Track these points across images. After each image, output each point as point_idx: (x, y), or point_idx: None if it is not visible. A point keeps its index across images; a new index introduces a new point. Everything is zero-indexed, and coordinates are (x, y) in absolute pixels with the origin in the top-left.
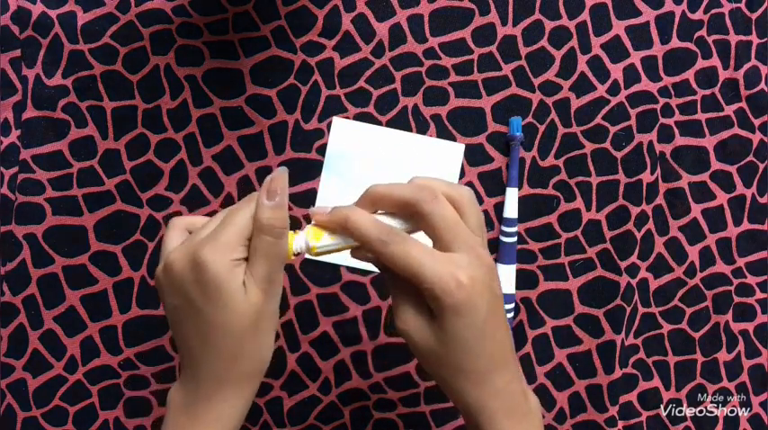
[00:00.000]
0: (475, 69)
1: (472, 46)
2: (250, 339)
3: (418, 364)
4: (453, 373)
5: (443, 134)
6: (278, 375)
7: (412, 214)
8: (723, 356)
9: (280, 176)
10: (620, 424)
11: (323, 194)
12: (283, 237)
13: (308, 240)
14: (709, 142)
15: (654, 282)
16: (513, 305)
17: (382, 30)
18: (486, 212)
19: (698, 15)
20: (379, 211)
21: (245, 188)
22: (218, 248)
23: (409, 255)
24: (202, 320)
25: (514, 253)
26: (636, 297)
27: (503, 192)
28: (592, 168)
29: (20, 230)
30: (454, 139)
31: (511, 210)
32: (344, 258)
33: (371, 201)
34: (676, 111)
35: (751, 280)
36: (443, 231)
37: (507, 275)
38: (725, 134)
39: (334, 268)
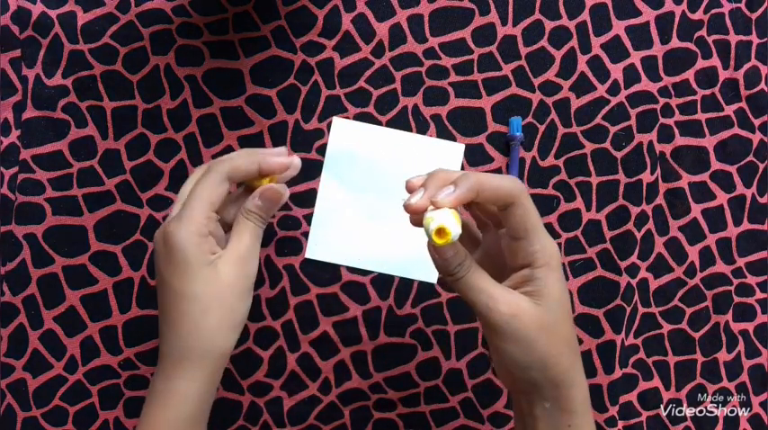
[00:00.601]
0: (475, 69)
1: (472, 46)
2: (213, 315)
3: (418, 364)
4: (555, 331)
5: (443, 134)
6: (278, 375)
7: (506, 204)
8: (723, 356)
9: (278, 194)
10: (620, 424)
11: (323, 194)
12: (265, 224)
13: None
14: (709, 142)
15: (654, 282)
16: None
17: (382, 30)
18: None
19: (698, 15)
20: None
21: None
22: (183, 222)
23: (536, 217)
24: (169, 293)
25: None
26: (636, 297)
27: None
28: (592, 168)
29: (20, 230)
30: (454, 139)
31: None
32: (344, 259)
33: (478, 189)
34: (676, 112)
35: (751, 280)
36: (535, 224)
37: None
38: (725, 134)
39: (334, 268)
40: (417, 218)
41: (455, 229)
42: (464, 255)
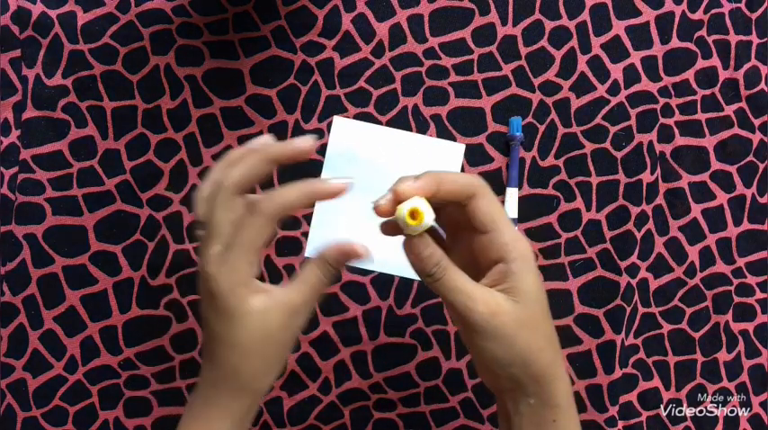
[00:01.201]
0: (475, 69)
1: (472, 46)
2: (253, 361)
3: (418, 364)
4: (535, 325)
5: (443, 134)
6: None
7: (465, 201)
8: (723, 356)
9: (365, 254)
10: (620, 424)
11: None
12: (331, 277)
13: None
14: (709, 142)
15: (654, 282)
16: None
17: (382, 30)
18: None
19: (698, 15)
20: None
21: None
22: (224, 269)
23: (500, 211)
24: (210, 334)
25: None
26: (636, 297)
27: (503, 192)
28: (592, 168)
29: (20, 230)
30: (454, 139)
31: (511, 210)
32: None
33: (437, 185)
34: (676, 112)
35: (751, 280)
36: (501, 216)
37: None
38: (725, 134)
39: None
40: (387, 227)
41: (428, 211)
42: (440, 255)
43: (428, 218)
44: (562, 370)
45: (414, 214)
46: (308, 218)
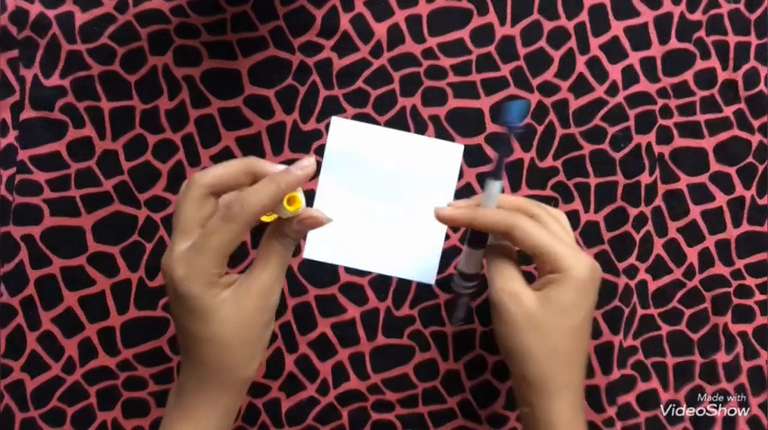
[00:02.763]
0: (473, 70)
1: (471, 46)
2: (235, 352)
3: (416, 365)
4: (548, 333)
5: (442, 135)
6: (276, 376)
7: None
8: (722, 358)
9: (322, 222)
10: (619, 424)
11: (321, 194)
12: (293, 248)
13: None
14: (708, 143)
15: (652, 284)
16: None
17: (381, 30)
18: None
19: (697, 16)
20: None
21: None
22: (192, 274)
23: (538, 234)
24: (187, 336)
25: None
26: (634, 298)
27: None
28: (590, 169)
29: (18, 231)
30: (453, 140)
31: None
32: (342, 260)
33: (470, 216)
34: (675, 113)
35: (750, 281)
36: (541, 241)
37: None
38: (724, 135)
39: (333, 269)
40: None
41: (302, 197)
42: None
43: (303, 201)
44: (568, 392)
45: (291, 200)
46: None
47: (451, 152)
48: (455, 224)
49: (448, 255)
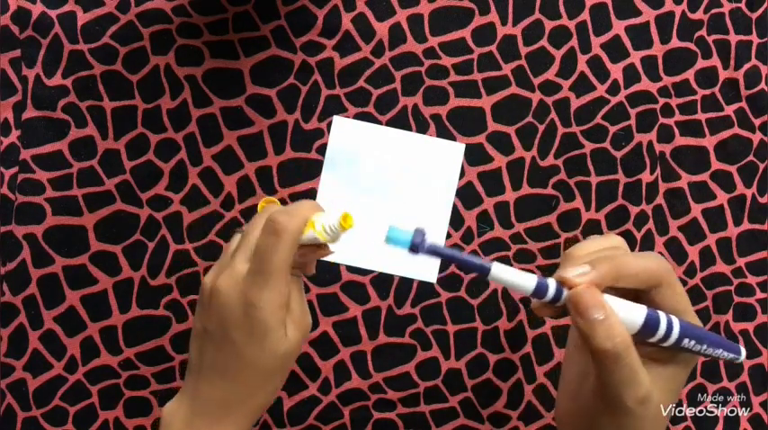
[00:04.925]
0: (475, 69)
1: (472, 45)
2: (273, 378)
3: (418, 364)
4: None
5: (443, 134)
6: None
7: (650, 287)
8: None
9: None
10: None
11: (323, 194)
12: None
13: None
14: (709, 142)
15: None
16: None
17: (382, 29)
18: (485, 212)
19: (698, 15)
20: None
21: (245, 188)
22: (273, 294)
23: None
24: (234, 353)
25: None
26: None
27: (503, 192)
28: (591, 168)
29: (20, 230)
30: (454, 139)
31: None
32: (343, 258)
33: (616, 275)
34: (676, 111)
35: (751, 280)
36: (685, 309)
37: None
38: (725, 134)
39: (334, 268)
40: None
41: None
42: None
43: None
44: None
45: (345, 218)
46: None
47: (453, 151)
48: (596, 285)
49: None
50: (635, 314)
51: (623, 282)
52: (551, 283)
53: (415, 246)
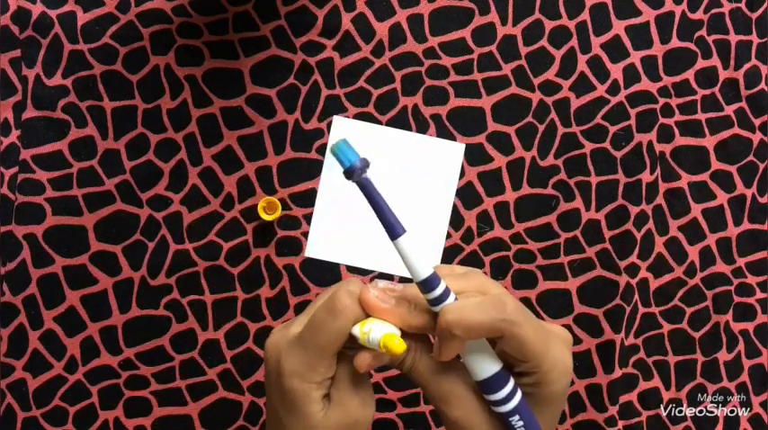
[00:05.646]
0: (475, 69)
1: (472, 46)
2: None
3: None
4: None
5: (443, 134)
6: None
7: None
8: (723, 356)
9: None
10: (620, 423)
11: (323, 194)
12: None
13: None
14: (709, 142)
15: (654, 282)
16: None
17: (382, 29)
18: (485, 212)
19: (698, 15)
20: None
21: (246, 188)
22: (302, 368)
23: (528, 335)
24: (275, 417)
25: None
26: (636, 297)
27: (503, 192)
28: (591, 168)
29: (20, 230)
30: (454, 139)
31: (419, 263)
32: (343, 258)
33: (464, 331)
34: (676, 111)
35: (751, 280)
36: (535, 350)
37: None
38: (725, 134)
39: (334, 268)
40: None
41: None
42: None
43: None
44: None
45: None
46: (308, 218)
47: (453, 151)
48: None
49: (449, 254)
50: (483, 366)
51: (466, 336)
52: (443, 283)
53: (351, 170)
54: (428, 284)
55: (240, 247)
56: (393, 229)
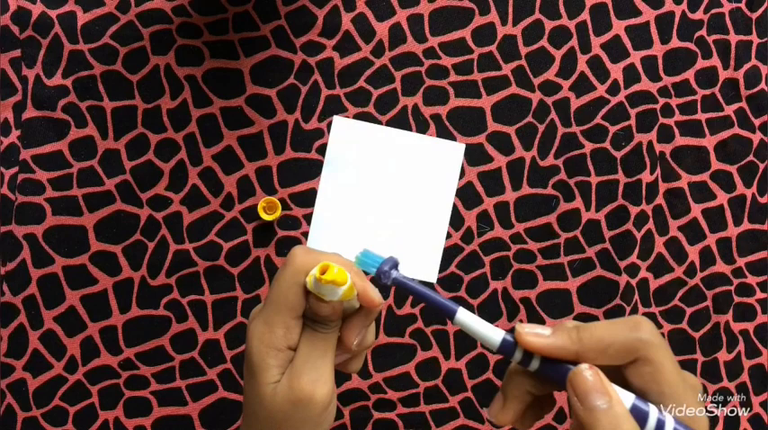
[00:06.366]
0: (475, 69)
1: (472, 45)
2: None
3: (418, 364)
4: None
5: (443, 134)
6: None
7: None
8: (723, 356)
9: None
10: None
11: (323, 194)
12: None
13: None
14: (709, 142)
15: (654, 282)
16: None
17: (382, 29)
18: (485, 212)
19: (698, 15)
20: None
21: (245, 188)
22: (261, 327)
23: (666, 360)
24: (245, 388)
25: None
26: (636, 297)
27: (503, 192)
28: (591, 168)
29: (20, 230)
30: (454, 139)
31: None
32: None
33: (578, 346)
34: (676, 111)
35: (751, 280)
36: (672, 385)
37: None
38: (725, 134)
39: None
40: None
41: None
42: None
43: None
44: None
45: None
46: (308, 218)
47: (453, 151)
48: (547, 352)
49: (449, 254)
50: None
51: (591, 355)
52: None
53: (379, 275)
54: (505, 348)
55: (240, 247)
56: (448, 311)
